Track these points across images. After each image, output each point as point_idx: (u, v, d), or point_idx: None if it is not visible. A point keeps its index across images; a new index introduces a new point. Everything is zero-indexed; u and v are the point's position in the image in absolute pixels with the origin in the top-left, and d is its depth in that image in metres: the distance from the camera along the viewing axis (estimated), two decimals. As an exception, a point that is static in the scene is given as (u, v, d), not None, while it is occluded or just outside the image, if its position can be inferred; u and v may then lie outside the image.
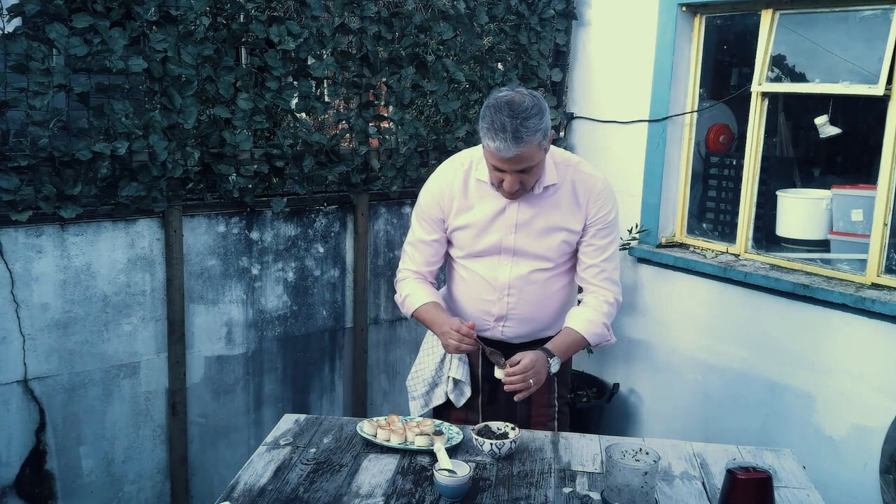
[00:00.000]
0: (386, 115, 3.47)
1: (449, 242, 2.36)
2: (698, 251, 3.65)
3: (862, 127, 3.71)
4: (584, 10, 3.99)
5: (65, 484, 2.86)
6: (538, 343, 2.27)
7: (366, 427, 2.13)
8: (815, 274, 3.24)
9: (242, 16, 3.03)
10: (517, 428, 2.11)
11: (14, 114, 2.59)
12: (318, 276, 3.40)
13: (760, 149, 3.41)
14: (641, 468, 1.77)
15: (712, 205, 3.82)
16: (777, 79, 3.36)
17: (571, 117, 4.09)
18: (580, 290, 2.38)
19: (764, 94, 3.37)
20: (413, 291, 2.34)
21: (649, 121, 3.71)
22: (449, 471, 1.86)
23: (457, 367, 2.37)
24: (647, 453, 1.85)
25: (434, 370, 2.42)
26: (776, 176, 3.73)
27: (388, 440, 2.08)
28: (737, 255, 3.53)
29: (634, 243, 3.79)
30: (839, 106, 3.47)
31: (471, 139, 3.66)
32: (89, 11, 2.61)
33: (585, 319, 2.26)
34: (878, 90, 2.95)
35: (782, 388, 3.27)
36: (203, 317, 3.10)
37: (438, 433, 2.09)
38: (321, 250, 3.39)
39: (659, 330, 3.77)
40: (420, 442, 2.05)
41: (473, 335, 2.15)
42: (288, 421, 2.26)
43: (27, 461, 2.77)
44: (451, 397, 2.41)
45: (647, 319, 3.82)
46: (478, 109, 3.66)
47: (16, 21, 2.58)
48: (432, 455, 2.02)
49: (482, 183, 2.24)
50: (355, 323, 3.53)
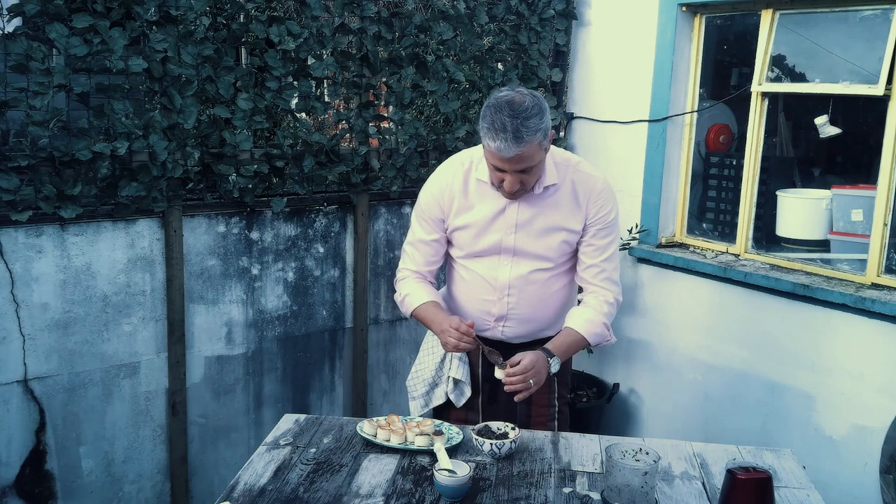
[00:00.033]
0: (386, 115, 3.47)
1: (449, 242, 2.36)
2: (698, 251, 3.65)
3: (862, 127, 3.71)
4: (584, 10, 3.99)
5: (65, 484, 2.86)
6: (538, 343, 2.27)
7: (366, 427, 2.13)
8: (815, 274, 3.24)
9: (242, 16, 3.03)
10: (517, 428, 2.11)
11: (14, 114, 2.59)
12: (318, 276, 3.40)
13: (760, 149, 3.41)
14: (641, 468, 1.77)
15: (712, 205, 3.82)
16: (777, 79, 3.36)
17: (571, 117, 4.09)
18: (580, 290, 2.39)
19: (764, 94, 3.37)
20: (412, 291, 2.34)
21: (649, 121, 3.71)
22: (449, 471, 1.86)
23: (457, 367, 2.37)
24: (647, 453, 1.85)
25: (434, 370, 2.42)
26: (776, 176, 3.73)
27: (388, 440, 2.08)
28: (737, 255, 3.53)
29: (634, 243, 3.79)
30: (839, 106, 3.47)
31: (471, 139, 3.65)
32: (89, 11, 2.61)
33: (585, 319, 2.26)
34: (878, 90, 2.95)
35: (782, 388, 3.27)
36: (203, 317, 3.10)
37: (438, 433, 2.09)
38: (321, 250, 3.39)
39: (659, 330, 3.77)
40: (420, 442, 2.05)
41: (472, 333, 2.15)
42: (288, 421, 2.26)
43: (27, 461, 2.77)
44: (452, 397, 2.41)
45: (647, 319, 3.82)
46: (478, 109, 3.66)
47: (16, 21, 2.58)
48: (432, 455, 2.02)
49: (482, 183, 2.24)
50: (355, 323, 3.53)
